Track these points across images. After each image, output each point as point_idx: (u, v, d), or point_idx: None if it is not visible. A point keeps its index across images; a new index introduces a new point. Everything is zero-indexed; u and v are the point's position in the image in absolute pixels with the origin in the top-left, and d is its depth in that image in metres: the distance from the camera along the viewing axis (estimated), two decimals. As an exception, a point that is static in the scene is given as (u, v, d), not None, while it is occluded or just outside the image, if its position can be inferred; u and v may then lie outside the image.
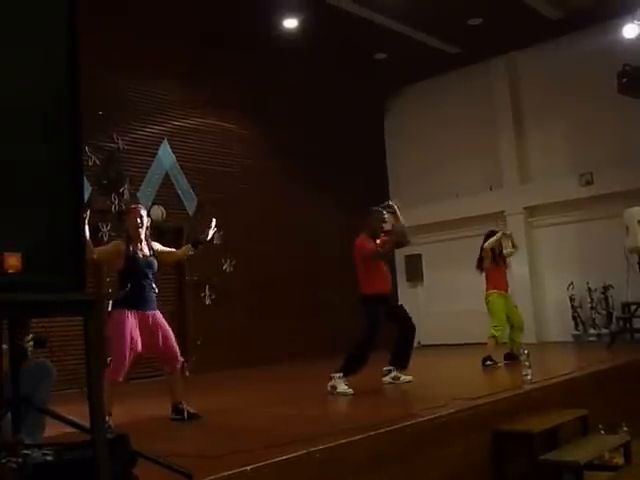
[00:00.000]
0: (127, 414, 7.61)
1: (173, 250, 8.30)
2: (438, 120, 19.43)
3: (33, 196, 3.22)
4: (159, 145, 14.92)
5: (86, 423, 3.55)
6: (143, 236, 7.90)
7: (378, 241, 10.09)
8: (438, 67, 18.54)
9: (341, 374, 9.29)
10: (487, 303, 12.18)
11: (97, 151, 13.59)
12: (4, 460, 3.72)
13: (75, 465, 3.79)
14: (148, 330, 7.61)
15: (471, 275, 12.64)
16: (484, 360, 11.64)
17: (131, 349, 7.44)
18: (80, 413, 3.79)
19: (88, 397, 3.39)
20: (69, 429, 4.02)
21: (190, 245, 8.32)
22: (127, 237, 7.88)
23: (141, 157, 14.56)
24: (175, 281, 15.08)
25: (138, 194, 14.29)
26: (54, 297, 3.29)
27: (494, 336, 11.76)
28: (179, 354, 7.83)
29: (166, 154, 14.98)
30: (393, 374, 9.77)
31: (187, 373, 8.21)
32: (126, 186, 14.07)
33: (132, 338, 7.45)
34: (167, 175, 14.98)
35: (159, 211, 14.46)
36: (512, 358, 11.63)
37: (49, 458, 3.86)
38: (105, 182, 13.71)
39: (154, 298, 7.89)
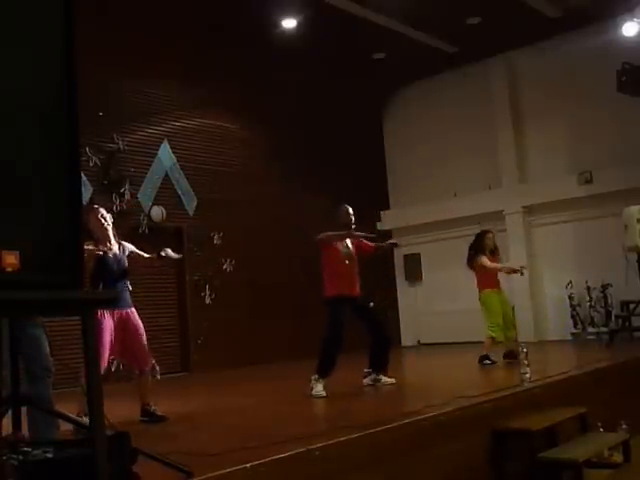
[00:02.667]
0: (127, 412, 7.62)
1: (143, 254, 8.16)
2: (437, 119, 19.45)
3: (31, 195, 3.23)
4: (159, 145, 14.95)
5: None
6: (111, 235, 7.83)
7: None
8: (437, 66, 18.57)
9: (317, 376, 9.11)
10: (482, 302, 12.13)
11: (97, 151, 13.62)
12: (4, 457, 3.74)
13: (75, 462, 3.81)
14: (121, 327, 7.57)
15: (470, 274, 12.62)
16: (481, 359, 11.63)
17: (110, 351, 7.47)
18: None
19: (87, 395, 3.41)
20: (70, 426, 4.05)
21: (156, 255, 8.12)
22: (92, 238, 7.71)
23: (141, 157, 14.59)
24: (175, 281, 15.13)
25: (138, 194, 14.33)
26: (52, 296, 3.30)
27: (491, 336, 11.76)
28: (149, 355, 7.84)
29: (166, 154, 15.00)
30: (373, 376, 9.56)
31: (158, 376, 8.03)
32: (127, 186, 14.09)
33: (110, 341, 7.43)
34: (167, 175, 15.01)
35: (159, 211, 14.49)
36: (511, 356, 11.56)
37: (49, 455, 3.88)
38: (106, 182, 13.74)
39: (128, 296, 7.77)
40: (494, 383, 8.92)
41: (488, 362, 11.51)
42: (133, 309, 7.76)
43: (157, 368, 7.95)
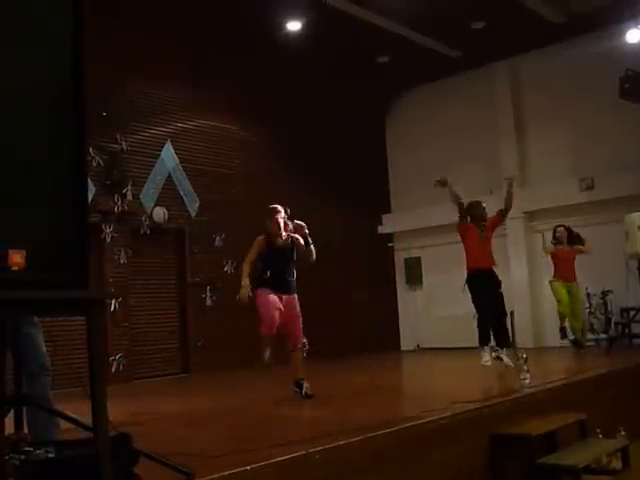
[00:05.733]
0: (129, 413, 7.64)
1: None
2: (439, 123, 19.44)
3: (37, 195, 3.24)
4: (162, 146, 14.94)
5: (89, 421, 3.57)
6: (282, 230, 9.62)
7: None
8: (440, 71, 18.55)
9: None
10: None
11: (100, 152, 13.60)
12: (6, 457, 3.74)
13: (77, 462, 3.81)
14: (285, 308, 9.21)
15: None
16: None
17: (276, 310, 9.07)
18: (83, 411, 3.82)
19: (91, 395, 3.42)
20: (73, 427, 4.05)
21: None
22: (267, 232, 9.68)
23: (144, 158, 14.58)
24: (176, 282, 15.13)
25: (141, 195, 14.32)
26: (57, 295, 3.31)
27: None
28: (302, 335, 9.39)
29: (169, 155, 14.99)
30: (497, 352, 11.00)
31: (305, 355, 9.51)
32: (129, 187, 14.09)
33: (274, 302, 9.12)
34: (170, 176, 15.00)
35: (161, 212, 14.48)
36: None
37: (51, 455, 3.88)
38: (108, 183, 13.74)
39: (290, 283, 9.51)
40: (494, 388, 8.93)
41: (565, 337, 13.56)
42: (295, 295, 9.50)
43: (306, 347, 9.61)
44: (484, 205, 11.87)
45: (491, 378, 10.75)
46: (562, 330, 13.50)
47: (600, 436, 8.33)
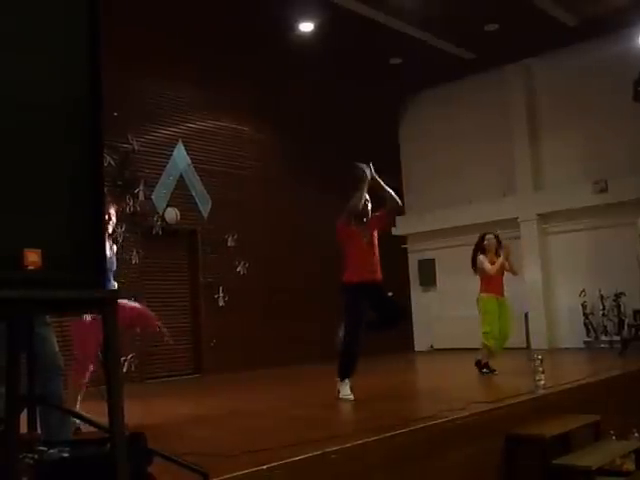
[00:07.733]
0: (142, 413, 7.63)
1: None
2: (453, 125, 19.42)
3: (53, 194, 3.24)
4: (174, 147, 14.94)
5: (103, 420, 3.57)
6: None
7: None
8: (454, 73, 18.51)
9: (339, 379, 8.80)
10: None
11: (112, 152, 13.58)
12: (20, 456, 3.73)
13: (92, 462, 3.81)
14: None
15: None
16: (478, 365, 11.26)
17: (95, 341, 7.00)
18: (95, 410, 3.82)
19: (107, 394, 3.40)
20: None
21: None
22: None
23: (156, 159, 14.59)
24: (189, 282, 15.12)
25: (152, 196, 14.32)
26: (73, 294, 3.30)
27: (484, 344, 11.22)
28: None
29: (181, 156, 14.99)
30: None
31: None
32: (141, 187, 14.09)
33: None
34: (181, 177, 15.00)
35: (173, 213, 14.49)
36: (480, 366, 11.27)
37: (65, 455, 3.87)
38: (120, 183, 13.73)
39: None
40: (508, 389, 8.90)
41: (486, 371, 11.10)
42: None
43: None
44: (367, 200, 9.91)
45: (505, 379, 10.73)
46: (485, 365, 11.13)
47: (613, 438, 8.31)
